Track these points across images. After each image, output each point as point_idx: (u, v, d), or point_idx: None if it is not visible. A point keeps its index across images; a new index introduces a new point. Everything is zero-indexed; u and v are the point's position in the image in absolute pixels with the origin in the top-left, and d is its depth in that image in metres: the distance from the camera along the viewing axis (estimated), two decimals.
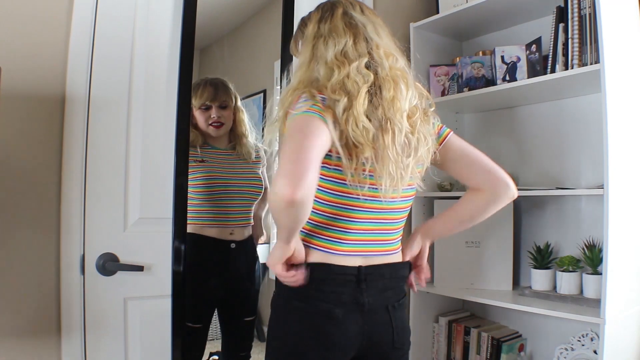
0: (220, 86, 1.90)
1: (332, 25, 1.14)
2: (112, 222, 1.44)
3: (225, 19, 2.03)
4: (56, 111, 1.37)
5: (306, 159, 0.96)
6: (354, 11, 1.17)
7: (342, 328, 1.12)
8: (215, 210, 1.84)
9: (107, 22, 1.43)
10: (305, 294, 1.12)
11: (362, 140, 1.05)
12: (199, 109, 1.86)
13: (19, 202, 1.31)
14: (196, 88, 1.87)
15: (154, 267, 1.49)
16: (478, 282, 1.90)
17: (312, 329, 1.12)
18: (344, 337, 1.12)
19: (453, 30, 2.13)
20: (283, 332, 1.16)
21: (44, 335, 1.33)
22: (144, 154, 1.49)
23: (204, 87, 1.88)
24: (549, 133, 1.93)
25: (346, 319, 1.12)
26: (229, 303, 1.92)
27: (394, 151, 1.09)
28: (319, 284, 1.12)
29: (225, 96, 1.89)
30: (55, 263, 1.35)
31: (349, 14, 1.16)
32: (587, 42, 1.57)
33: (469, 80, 1.91)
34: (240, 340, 1.96)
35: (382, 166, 1.08)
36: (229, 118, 1.91)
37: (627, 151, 1.53)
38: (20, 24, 1.32)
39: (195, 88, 1.86)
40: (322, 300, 1.12)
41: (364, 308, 1.14)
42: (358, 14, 1.16)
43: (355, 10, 1.17)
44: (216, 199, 1.84)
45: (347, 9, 1.17)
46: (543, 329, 1.87)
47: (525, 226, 1.97)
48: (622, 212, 1.47)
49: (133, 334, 1.46)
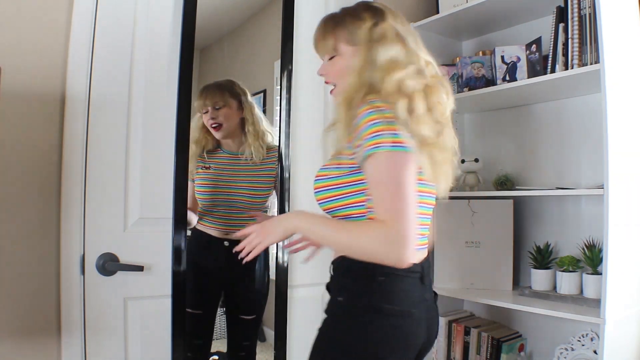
0: (212, 88, 1.89)
1: (384, 32, 1.16)
2: (112, 222, 1.44)
3: (225, 19, 2.03)
4: (56, 111, 1.37)
5: (414, 218, 1.02)
6: (397, 21, 1.20)
7: (418, 327, 1.13)
8: (216, 216, 1.85)
9: (107, 22, 1.43)
10: (385, 296, 1.11)
11: (432, 140, 1.08)
12: (203, 113, 1.87)
13: (19, 202, 1.31)
14: (198, 93, 1.88)
15: (154, 267, 1.49)
16: (478, 282, 1.90)
17: (391, 330, 1.10)
18: (419, 336, 1.14)
19: (453, 30, 2.13)
20: (357, 336, 1.11)
21: (44, 335, 1.33)
22: (144, 154, 1.50)
23: (202, 91, 1.88)
24: (549, 133, 1.93)
25: (420, 318, 1.13)
26: (229, 300, 1.93)
27: (448, 152, 1.15)
28: (395, 285, 1.12)
29: (217, 97, 1.88)
30: (55, 263, 1.35)
31: (396, 22, 1.19)
32: (587, 42, 1.57)
33: (469, 80, 1.91)
34: (240, 338, 1.96)
35: (439, 167, 1.12)
36: (228, 118, 1.90)
37: (627, 151, 1.53)
38: (21, 23, 1.32)
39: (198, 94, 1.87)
40: (402, 300, 1.11)
41: (427, 304, 1.16)
42: (400, 24, 1.20)
43: (397, 20, 1.20)
44: (217, 206, 1.85)
45: (394, 18, 1.20)
46: (543, 329, 1.87)
47: (525, 226, 1.97)
48: (622, 212, 1.47)
49: (133, 334, 1.47)
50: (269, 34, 2.00)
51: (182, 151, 1.51)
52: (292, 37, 1.76)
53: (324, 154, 1.98)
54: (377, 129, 1.03)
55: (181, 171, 1.51)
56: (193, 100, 1.58)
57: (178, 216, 1.50)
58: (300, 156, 1.81)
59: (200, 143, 1.87)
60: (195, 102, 1.82)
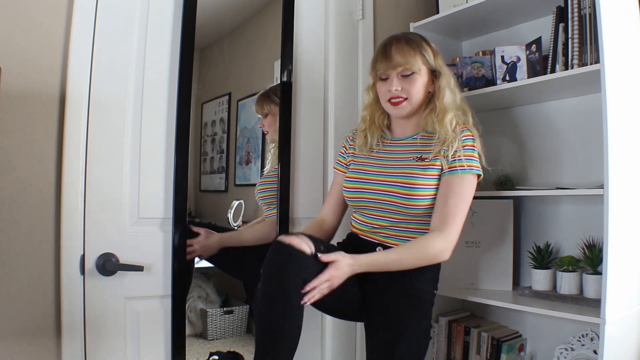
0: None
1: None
2: (112, 222, 1.44)
3: (225, 19, 2.03)
4: (56, 111, 1.37)
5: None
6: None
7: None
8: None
9: (108, 22, 1.43)
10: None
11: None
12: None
13: (19, 202, 1.31)
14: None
15: (154, 267, 1.49)
16: (478, 282, 1.90)
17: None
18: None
19: (453, 30, 2.13)
20: (429, 320, 1.50)
21: (44, 335, 1.33)
22: (143, 154, 1.50)
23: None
24: (549, 133, 1.93)
25: None
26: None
27: None
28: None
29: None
30: (55, 263, 1.36)
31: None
32: (587, 42, 1.57)
33: (469, 80, 1.90)
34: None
35: None
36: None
37: (627, 151, 1.53)
38: (21, 23, 1.32)
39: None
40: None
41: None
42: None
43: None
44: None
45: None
46: (543, 329, 1.87)
47: (525, 226, 1.97)
48: (622, 212, 1.47)
49: (133, 334, 1.47)
50: (269, 34, 2.00)
51: (182, 151, 1.51)
52: (292, 37, 1.76)
53: (324, 154, 1.99)
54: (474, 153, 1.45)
55: (181, 171, 1.51)
56: (193, 100, 1.58)
57: (178, 216, 1.50)
58: (300, 156, 1.81)
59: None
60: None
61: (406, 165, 1.46)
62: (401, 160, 1.48)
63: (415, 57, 1.44)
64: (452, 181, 1.40)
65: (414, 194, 1.41)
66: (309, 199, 1.82)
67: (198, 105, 1.99)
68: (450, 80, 1.50)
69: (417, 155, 1.46)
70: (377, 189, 1.47)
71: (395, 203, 1.43)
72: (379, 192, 1.46)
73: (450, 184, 1.40)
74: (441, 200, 1.40)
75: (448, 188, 1.40)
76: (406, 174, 1.44)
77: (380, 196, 1.46)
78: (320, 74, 1.90)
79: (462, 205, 1.39)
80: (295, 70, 1.79)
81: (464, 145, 1.42)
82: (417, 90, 1.45)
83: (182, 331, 1.52)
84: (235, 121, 2.05)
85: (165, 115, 1.53)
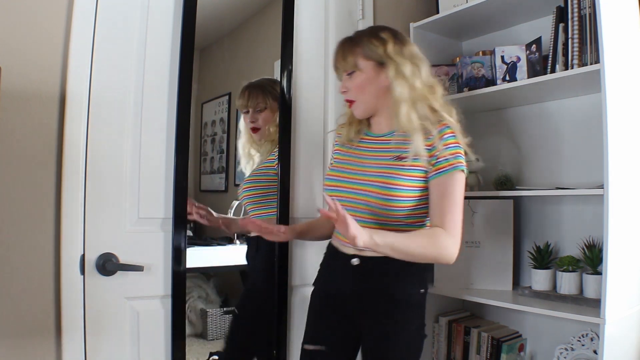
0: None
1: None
2: (112, 222, 1.44)
3: (225, 19, 2.03)
4: (56, 111, 1.37)
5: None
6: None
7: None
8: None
9: (108, 22, 1.44)
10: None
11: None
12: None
13: (19, 202, 1.31)
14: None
15: (154, 267, 1.49)
16: (478, 282, 1.90)
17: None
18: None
19: (453, 30, 2.13)
20: (421, 320, 1.44)
21: (44, 335, 1.33)
22: (144, 153, 1.50)
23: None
24: (549, 133, 1.93)
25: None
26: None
27: None
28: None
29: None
30: (55, 263, 1.35)
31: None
32: (587, 42, 1.57)
33: (469, 80, 1.90)
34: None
35: None
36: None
37: (627, 151, 1.53)
38: (21, 24, 1.32)
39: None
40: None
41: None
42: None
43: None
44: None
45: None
46: (543, 329, 1.87)
47: (525, 226, 1.97)
48: (622, 212, 1.47)
49: (133, 334, 1.47)
50: (269, 34, 2.00)
51: (182, 151, 1.51)
52: (292, 37, 1.76)
53: (324, 154, 1.99)
54: (458, 149, 1.37)
55: (181, 171, 1.51)
56: (193, 100, 1.58)
57: (178, 216, 1.50)
58: (300, 156, 1.81)
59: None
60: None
61: (385, 164, 1.37)
62: (380, 159, 1.40)
63: (353, 53, 1.39)
64: (442, 182, 1.33)
65: (392, 195, 1.32)
66: (309, 199, 1.82)
67: (198, 105, 2.00)
68: (403, 68, 1.36)
69: (396, 155, 1.37)
70: (354, 188, 1.39)
71: (372, 203, 1.35)
72: (355, 192, 1.38)
73: (440, 185, 1.33)
74: (436, 205, 1.33)
75: (440, 190, 1.33)
76: (384, 174, 1.35)
77: (357, 195, 1.37)
78: (320, 74, 1.90)
79: (457, 206, 1.33)
80: (295, 70, 1.79)
81: (446, 144, 1.34)
82: (357, 87, 1.40)
83: (182, 331, 1.52)
84: (235, 121, 2.05)
85: (165, 115, 1.52)
